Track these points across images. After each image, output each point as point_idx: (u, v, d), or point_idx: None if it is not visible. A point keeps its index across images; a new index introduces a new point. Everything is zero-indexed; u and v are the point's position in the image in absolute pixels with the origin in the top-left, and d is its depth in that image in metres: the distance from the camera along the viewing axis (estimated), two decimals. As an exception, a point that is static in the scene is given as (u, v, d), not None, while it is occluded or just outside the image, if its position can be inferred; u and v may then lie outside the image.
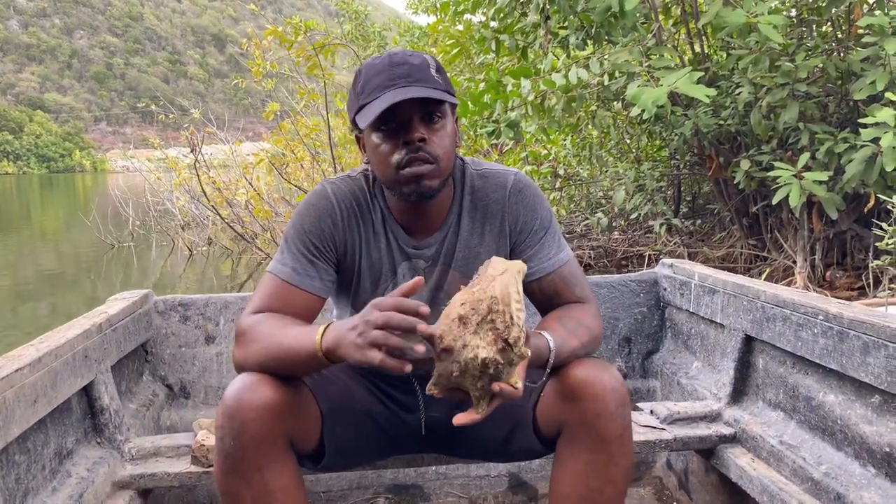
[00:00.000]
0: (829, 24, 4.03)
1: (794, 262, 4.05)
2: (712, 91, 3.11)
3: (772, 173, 3.33)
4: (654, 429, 1.69)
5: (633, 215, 5.68)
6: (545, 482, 1.97)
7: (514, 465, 2.04)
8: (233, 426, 1.13)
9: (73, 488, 1.41)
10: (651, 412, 1.77)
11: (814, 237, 4.00)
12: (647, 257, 5.18)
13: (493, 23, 4.87)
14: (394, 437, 1.43)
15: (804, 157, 3.27)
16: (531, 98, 4.02)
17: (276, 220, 7.61)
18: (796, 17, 3.95)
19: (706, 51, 4.34)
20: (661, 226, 5.02)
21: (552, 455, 1.27)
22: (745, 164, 3.81)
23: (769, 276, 4.14)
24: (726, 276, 1.93)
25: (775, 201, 3.33)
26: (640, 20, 4.04)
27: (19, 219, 17.66)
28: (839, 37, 3.92)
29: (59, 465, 1.46)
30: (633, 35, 3.87)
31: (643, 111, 3.20)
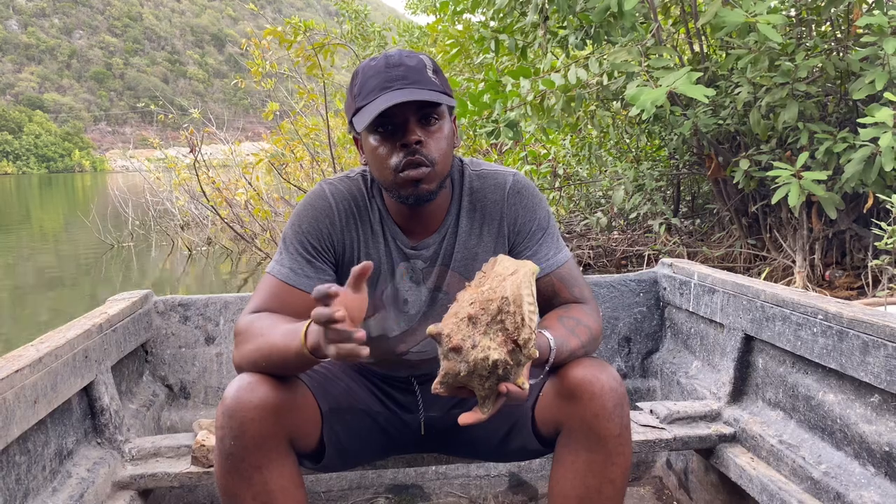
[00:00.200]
0: (829, 23, 4.04)
1: (794, 261, 4.06)
2: (710, 91, 3.11)
3: (771, 173, 3.33)
4: (654, 428, 1.69)
5: (633, 215, 5.69)
6: (545, 482, 1.97)
7: (514, 465, 2.04)
8: (233, 426, 1.13)
9: (74, 489, 1.42)
10: (651, 412, 1.77)
11: (813, 237, 4.01)
12: (646, 257, 5.18)
13: (492, 22, 4.87)
14: (393, 437, 1.44)
15: (803, 157, 3.28)
16: (530, 98, 4.03)
17: (276, 219, 7.61)
18: (795, 17, 3.95)
19: (705, 50, 4.34)
20: (661, 225, 5.03)
21: (552, 454, 1.27)
22: (744, 164, 3.82)
23: (768, 275, 4.15)
24: (726, 275, 1.93)
25: (774, 201, 3.33)
26: (639, 20, 4.04)
27: (19, 219, 17.64)
28: (838, 36, 3.92)
29: (60, 465, 1.46)
30: (632, 35, 3.87)
31: (642, 111, 3.20)
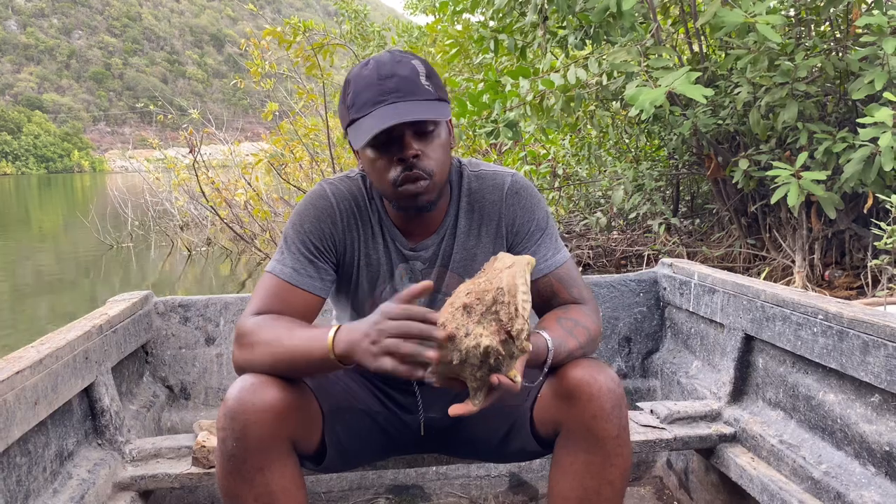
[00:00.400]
0: (828, 23, 4.04)
1: (793, 261, 4.06)
2: (709, 91, 3.11)
3: (770, 173, 3.33)
4: (655, 428, 1.69)
5: (632, 215, 5.69)
6: (545, 482, 1.96)
7: (515, 466, 2.04)
8: (235, 428, 1.13)
9: (74, 490, 1.42)
10: (651, 412, 1.77)
11: (812, 236, 4.01)
12: (646, 257, 5.18)
13: (491, 22, 4.87)
14: (393, 437, 1.44)
15: (802, 157, 3.28)
16: (530, 98, 4.03)
17: (275, 220, 7.60)
18: (795, 17, 3.96)
19: (705, 50, 4.34)
20: (660, 225, 5.03)
21: (551, 456, 1.27)
22: (743, 164, 3.82)
23: (768, 275, 4.15)
24: (726, 275, 1.93)
25: (774, 201, 3.33)
26: (639, 20, 4.04)
27: (18, 219, 17.62)
28: (837, 36, 3.92)
29: (60, 466, 1.46)
30: (631, 35, 3.87)
31: (641, 111, 3.20)
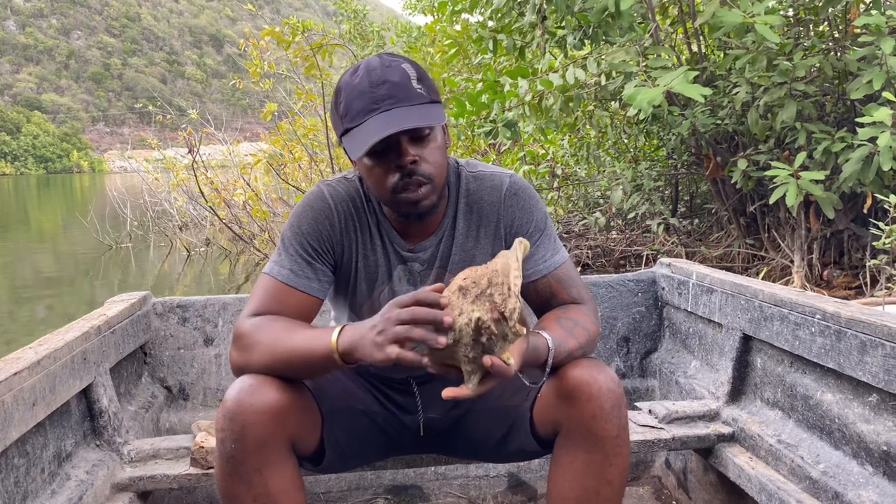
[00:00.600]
0: (826, 23, 4.04)
1: (792, 261, 4.06)
2: (707, 90, 3.11)
3: (769, 173, 3.33)
4: (653, 428, 1.69)
5: (631, 215, 5.69)
6: (544, 482, 1.96)
7: (514, 466, 2.04)
8: (234, 429, 1.13)
9: (73, 491, 1.41)
10: (649, 412, 1.77)
11: (811, 236, 4.01)
12: (644, 257, 5.18)
13: (490, 23, 4.87)
14: (392, 437, 1.44)
15: (801, 157, 3.28)
16: (529, 98, 4.03)
17: (274, 220, 7.60)
18: (793, 17, 3.96)
19: (703, 50, 4.34)
20: (659, 225, 5.03)
21: (551, 455, 1.27)
22: (742, 164, 3.82)
23: (766, 275, 4.15)
24: (724, 275, 1.93)
25: (772, 201, 3.33)
26: (637, 20, 4.04)
27: (17, 220, 17.61)
28: (836, 36, 3.93)
29: (59, 467, 1.46)
30: (630, 35, 3.88)
31: (640, 111, 3.20)
